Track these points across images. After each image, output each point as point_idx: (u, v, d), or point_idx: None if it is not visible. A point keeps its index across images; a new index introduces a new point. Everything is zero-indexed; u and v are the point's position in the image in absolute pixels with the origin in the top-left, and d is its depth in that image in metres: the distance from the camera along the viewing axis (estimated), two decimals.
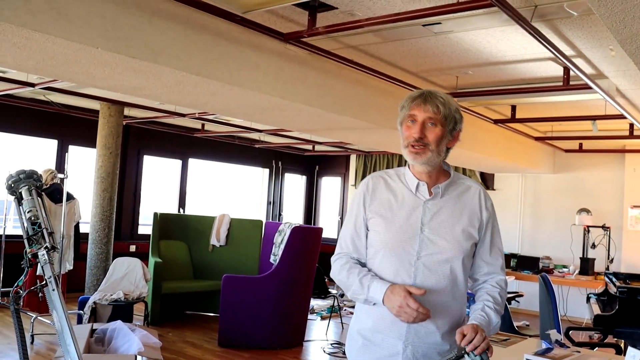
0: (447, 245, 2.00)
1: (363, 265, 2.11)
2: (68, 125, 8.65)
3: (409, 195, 2.07)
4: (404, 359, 1.99)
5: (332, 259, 2.18)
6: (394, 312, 1.90)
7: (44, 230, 1.79)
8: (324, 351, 6.40)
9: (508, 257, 9.44)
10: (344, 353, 6.25)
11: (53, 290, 1.74)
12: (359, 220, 2.13)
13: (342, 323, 7.67)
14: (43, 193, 1.96)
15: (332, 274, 2.16)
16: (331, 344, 6.69)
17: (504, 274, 2.15)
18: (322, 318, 8.07)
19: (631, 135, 7.62)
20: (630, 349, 2.80)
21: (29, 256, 1.78)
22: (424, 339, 1.99)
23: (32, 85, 6.37)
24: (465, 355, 1.83)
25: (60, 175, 6.55)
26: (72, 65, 3.80)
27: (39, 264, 1.80)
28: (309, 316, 7.36)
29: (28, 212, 1.81)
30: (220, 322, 6.33)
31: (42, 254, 1.76)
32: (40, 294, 1.81)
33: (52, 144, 8.64)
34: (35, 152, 8.61)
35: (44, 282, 1.76)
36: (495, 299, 2.06)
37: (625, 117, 6.07)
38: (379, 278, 2.00)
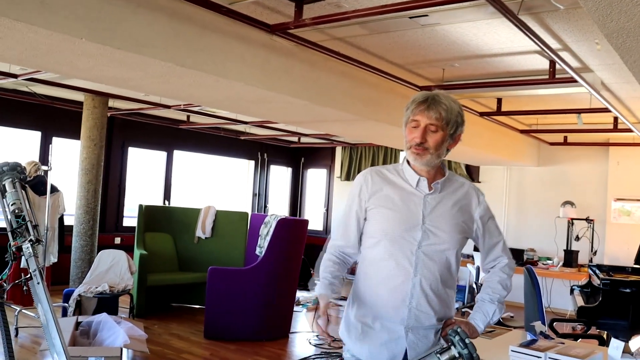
0: (446, 236, 2.15)
1: (345, 254, 2.27)
2: (51, 117, 8.56)
3: (409, 189, 2.19)
4: (408, 343, 2.12)
5: (325, 249, 2.31)
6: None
7: (29, 223, 1.77)
8: (310, 343, 6.41)
9: None
10: (329, 345, 6.26)
11: (38, 283, 1.72)
12: (352, 211, 2.24)
13: (328, 315, 7.68)
14: (27, 185, 1.94)
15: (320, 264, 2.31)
16: (317, 336, 6.70)
17: (506, 254, 2.31)
18: (308, 310, 8.08)
19: (615, 129, 7.67)
20: (613, 340, 2.83)
21: (13, 249, 1.75)
22: (423, 323, 2.13)
23: (15, 76, 6.29)
24: (452, 347, 1.84)
25: (44, 167, 6.49)
26: (56, 56, 3.76)
27: (23, 257, 1.78)
28: (295, 308, 7.36)
29: (12, 205, 1.78)
30: (206, 314, 6.31)
31: (26, 247, 1.73)
32: (25, 287, 1.78)
33: (35, 136, 8.54)
34: (18, 144, 8.51)
35: (29, 275, 1.74)
36: (494, 289, 2.27)
37: (609, 111, 6.10)
38: (330, 283, 2.19)
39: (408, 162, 2.21)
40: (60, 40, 3.34)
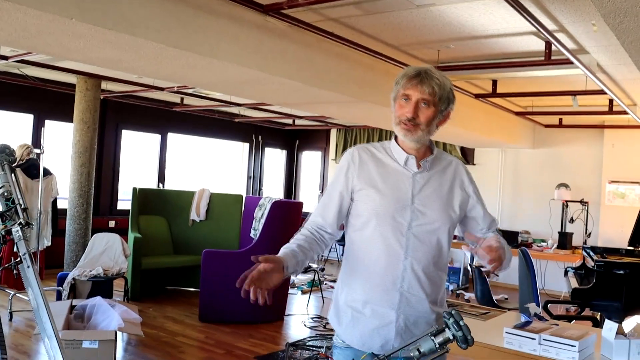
0: (436, 216, 2.07)
1: (322, 231, 2.15)
2: (44, 100, 8.49)
3: (397, 168, 2.11)
4: (396, 328, 2.04)
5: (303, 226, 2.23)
6: None
7: (18, 206, 1.74)
8: (305, 325, 6.43)
9: None
10: (324, 327, 6.28)
11: (28, 267, 1.70)
12: (336, 190, 2.14)
13: (322, 297, 7.70)
14: (18, 168, 1.91)
15: None
16: (312, 318, 6.72)
17: (491, 214, 2.27)
18: (303, 292, 8.09)
19: (610, 111, 7.65)
20: (607, 322, 2.84)
21: (3, 233, 1.73)
22: (415, 307, 2.05)
23: (5, 58, 6.22)
24: (446, 329, 1.84)
25: (37, 151, 6.44)
26: (46, 37, 3.70)
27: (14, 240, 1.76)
28: (290, 290, 7.37)
29: (0, 188, 1.76)
30: (200, 297, 6.32)
31: (16, 230, 1.71)
32: (15, 271, 1.76)
33: (27, 119, 8.48)
34: (11, 127, 8.44)
35: (19, 259, 1.72)
36: (499, 238, 2.13)
37: (605, 93, 6.08)
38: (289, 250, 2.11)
39: (396, 140, 2.14)
40: (50, 21, 3.29)
